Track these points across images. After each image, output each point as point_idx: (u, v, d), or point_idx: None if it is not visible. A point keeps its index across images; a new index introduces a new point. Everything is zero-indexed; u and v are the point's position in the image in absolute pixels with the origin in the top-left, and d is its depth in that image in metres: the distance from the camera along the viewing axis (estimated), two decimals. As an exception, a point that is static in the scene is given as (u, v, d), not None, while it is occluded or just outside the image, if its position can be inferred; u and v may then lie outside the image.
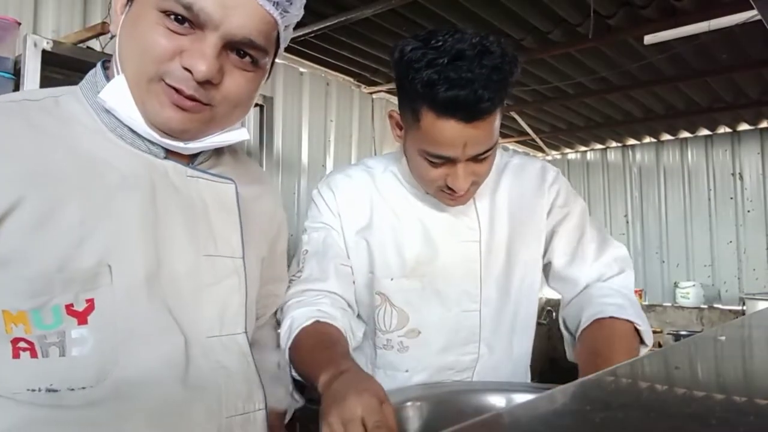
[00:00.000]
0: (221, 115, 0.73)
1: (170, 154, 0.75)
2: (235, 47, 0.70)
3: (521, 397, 0.96)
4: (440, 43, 0.88)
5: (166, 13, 0.66)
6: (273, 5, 0.71)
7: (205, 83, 0.68)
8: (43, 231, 0.62)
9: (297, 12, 0.76)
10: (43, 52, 1.86)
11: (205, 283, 0.74)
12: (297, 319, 0.96)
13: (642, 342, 1.00)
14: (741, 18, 2.79)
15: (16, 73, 1.89)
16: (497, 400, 0.97)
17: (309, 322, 0.94)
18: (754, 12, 2.45)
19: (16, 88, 1.87)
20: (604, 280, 1.09)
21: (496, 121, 0.94)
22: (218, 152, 0.84)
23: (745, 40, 3.24)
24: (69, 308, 0.63)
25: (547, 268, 1.16)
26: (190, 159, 0.78)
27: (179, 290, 0.71)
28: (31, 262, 0.62)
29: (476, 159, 0.95)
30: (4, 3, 2.32)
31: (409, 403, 0.91)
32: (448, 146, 0.92)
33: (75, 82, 0.77)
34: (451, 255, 1.07)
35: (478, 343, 1.07)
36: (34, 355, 0.62)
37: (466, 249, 1.08)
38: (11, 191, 0.61)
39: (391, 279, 1.07)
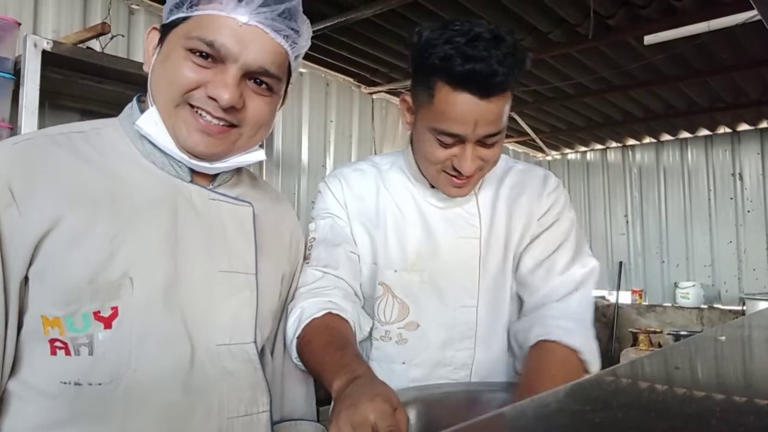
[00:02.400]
0: (247, 137, 0.83)
1: (195, 176, 0.84)
2: (253, 76, 0.79)
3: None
4: (458, 26, 0.93)
5: (192, 51, 0.76)
6: (283, 38, 0.80)
7: (229, 109, 0.77)
8: (76, 247, 0.70)
9: (305, 43, 0.86)
10: (43, 52, 1.86)
11: (219, 296, 0.81)
12: (307, 309, 0.95)
13: (586, 371, 0.97)
14: (741, 18, 2.79)
15: (16, 73, 1.89)
16: (495, 400, 0.97)
17: (321, 314, 0.94)
18: (754, 12, 2.45)
19: (16, 88, 1.87)
20: (559, 298, 1.06)
21: (507, 104, 0.96)
22: (239, 175, 0.93)
23: (745, 40, 3.24)
24: (96, 314, 0.71)
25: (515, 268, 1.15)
26: (212, 179, 0.86)
27: (195, 301, 0.78)
28: (65, 275, 0.70)
29: (484, 143, 0.97)
30: (4, 3, 2.32)
31: (408, 404, 0.90)
32: (460, 122, 0.93)
33: (75, 83, 0.81)
34: (451, 250, 1.08)
35: (474, 339, 1.07)
36: (68, 353, 0.71)
37: (466, 245, 1.08)
38: (52, 213, 0.70)
39: (395, 271, 1.08)
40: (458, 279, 1.07)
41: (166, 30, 0.80)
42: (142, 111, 0.82)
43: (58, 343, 0.71)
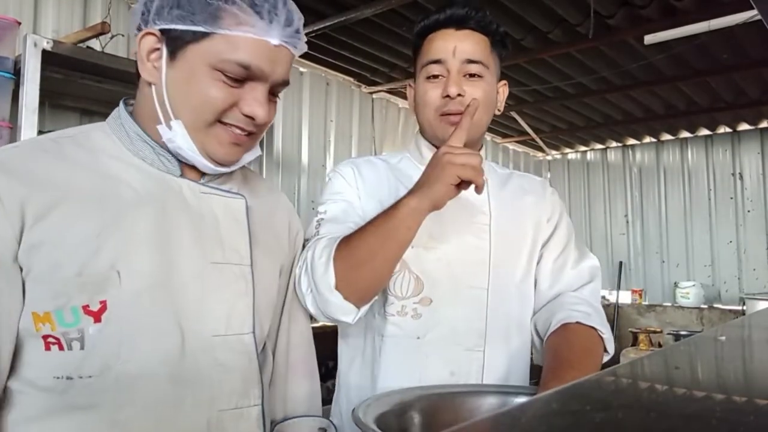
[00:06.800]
0: (256, 138, 0.88)
1: (185, 171, 0.85)
2: (275, 90, 0.85)
3: (521, 401, 0.96)
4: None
5: (223, 71, 0.77)
6: (297, 50, 0.88)
7: None
8: (63, 244, 0.72)
9: (302, 47, 0.94)
10: (43, 52, 1.86)
11: (213, 287, 0.82)
12: (333, 237, 0.99)
13: (605, 350, 1.08)
14: (741, 18, 2.79)
15: (16, 73, 1.89)
16: (497, 403, 0.97)
17: (349, 231, 0.98)
18: (754, 12, 2.45)
19: (16, 87, 1.88)
20: (576, 289, 1.19)
21: (486, 47, 1.09)
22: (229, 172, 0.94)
23: (745, 40, 3.24)
24: (86, 309, 0.72)
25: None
26: (202, 175, 0.87)
27: (186, 293, 0.79)
28: (53, 270, 0.71)
29: (468, 74, 1.07)
30: (4, 3, 2.32)
31: (412, 404, 0.90)
32: (441, 51, 1.08)
33: (75, 82, 0.81)
34: (462, 233, 1.12)
35: (484, 321, 1.10)
36: (61, 348, 0.72)
37: (476, 230, 1.13)
38: (37, 214, 0.71)
39: (412, 246, 1.07)
40: (469, 262, 1.12)
41: (176, 41, 0.78)
42: (130, 114, 0.84)
43: (51, 339, 0.72)
